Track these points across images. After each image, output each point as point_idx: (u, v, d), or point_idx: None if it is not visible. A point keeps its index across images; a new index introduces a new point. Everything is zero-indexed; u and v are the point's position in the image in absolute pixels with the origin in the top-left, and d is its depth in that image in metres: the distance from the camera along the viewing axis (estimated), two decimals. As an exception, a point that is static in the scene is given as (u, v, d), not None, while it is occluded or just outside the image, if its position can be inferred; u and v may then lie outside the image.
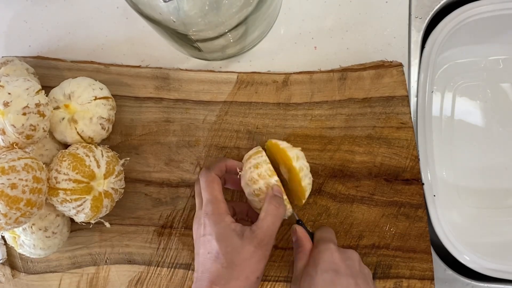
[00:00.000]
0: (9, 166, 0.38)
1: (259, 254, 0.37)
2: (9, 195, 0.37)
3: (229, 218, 0.39)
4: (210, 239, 0.38)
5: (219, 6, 0.39)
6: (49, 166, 0.44)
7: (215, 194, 0.40)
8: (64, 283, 0.50)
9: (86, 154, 0.43)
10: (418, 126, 0.52)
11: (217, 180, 0.41)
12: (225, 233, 0.37)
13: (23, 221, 0.39)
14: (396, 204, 0.48)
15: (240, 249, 0.36)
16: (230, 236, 0.37)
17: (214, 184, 0.41)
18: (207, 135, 0.50)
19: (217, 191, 0.40)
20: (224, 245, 0.37)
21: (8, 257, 0.51)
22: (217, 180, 0.41)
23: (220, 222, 0.38)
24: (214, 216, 0.39)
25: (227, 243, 0.37)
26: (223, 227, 0.38)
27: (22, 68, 0.48)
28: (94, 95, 0.46)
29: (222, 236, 0.37)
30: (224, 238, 0.37)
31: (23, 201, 0.38)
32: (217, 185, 0.41)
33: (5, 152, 0.40)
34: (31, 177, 0.39)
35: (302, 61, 0.52)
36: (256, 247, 0.37)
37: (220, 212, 0.39)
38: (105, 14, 0.53)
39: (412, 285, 0.48)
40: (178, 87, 0.51)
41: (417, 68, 0.53)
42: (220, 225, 0.38)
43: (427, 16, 0.53)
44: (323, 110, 0.50)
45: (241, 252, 0.36)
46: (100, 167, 0.44)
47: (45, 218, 0.44)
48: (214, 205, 0.39)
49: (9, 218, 0.38)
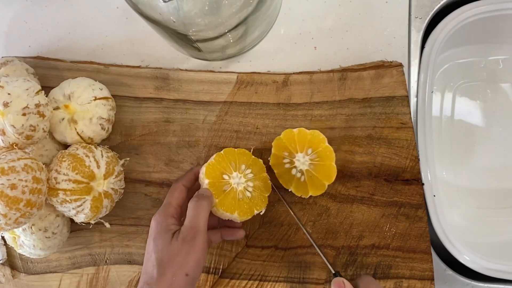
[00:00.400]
0: (8, 166, 0.38)
1: (186, 249, 0.37)
2: (8, 195, 0.37)
3: (172, 220, 0.40)
4: (149, 240, 0.39)
5: (219, 6, 0.39)
6: (49, 166, 0.44)
7: (170, 200, 0.42)
8: (64, 283, 0.50)
9: (86, 155, 0.43)
10: (418, 126, 0.52)
11: (180, 189, 0.43)
12: (161, 233, 0.39)
13: (23, 222, 0.39)
14: (396, 204, 0.48)
15: (169, 246, 0.38)
16: (165, 235, 0.39)
17: (175, 192, 0.43)
18: (207, 135, 0.50)
19: (174, 198, 0.42)
20: (157, 243, 0.38)
21: (8, 258, 0.51)
22: (179, 190, 0.43)
23: (161, 223, 0.40)
24: (159, 218, 0.40)
25: (159, 242, 0.38)
26: (162, 227, 0.39)
27: (22, 68, 0.48)
28: (94, 96, 0.46)
29: (158, 236, 0.39)
30: (159, 237, 0.39)
31: (23, 201, 0.38)
32: (177, 193, 0.43)
33: (4, 152, 0.40)
34: (31, 177, 0.39)
35: (302, 61, 0.51)
36: (182, 242, 0.37)
37: (166, 214, 0.41)
38: (105, 14, 0.53)
39: (412, 285, 0.48)
40: (178, 87, 0.51)
41: (417, 68, 0.53)
42: (159, 225, 0.40)
43: (427, 16, 0.53)
44: (323, 110, 0.50)
45: (170, 249, 0.37)
46: (100, 167, 0.44)
47: (45, 219, 0.44)
48: (164, 208, 0.41)
49: (9, 218, 0.38)
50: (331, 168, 0.45)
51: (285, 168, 0.46)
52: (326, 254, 0.48)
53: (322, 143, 0.45)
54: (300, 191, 0.46)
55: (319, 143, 0.45)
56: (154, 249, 0.38)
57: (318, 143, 0.46)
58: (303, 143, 0.46)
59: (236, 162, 0.44)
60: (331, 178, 0.45)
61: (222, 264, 0.49)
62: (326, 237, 0.48)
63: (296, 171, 0.46)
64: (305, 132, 0.46)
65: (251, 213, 0.44)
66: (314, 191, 0.46)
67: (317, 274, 0.48)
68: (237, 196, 0.43)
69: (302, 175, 0.46)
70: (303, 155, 0.46)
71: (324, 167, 0.45)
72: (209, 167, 0.43)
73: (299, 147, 0.46)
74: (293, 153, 0.46)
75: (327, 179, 0.45)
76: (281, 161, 0.46)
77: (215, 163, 0.43)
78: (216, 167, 0.43)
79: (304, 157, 0.46)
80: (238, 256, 0.49)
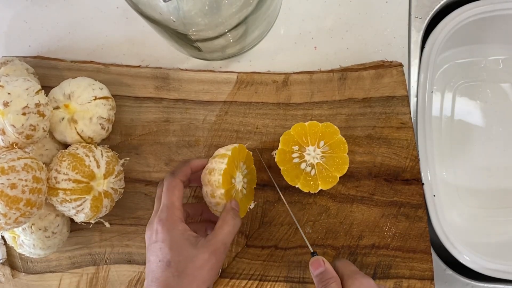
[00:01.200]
0: (8, 166, 0.38)
1: (212, 262, 0.36)
2: (8, 195, 0.37)
3: (183, 225, 0.38)
4: (163, 247, 0.37)
5: (219, 6, 0.39)
6: (48, 166, 0.44)
7: (172, 200, 0.39)
8: (64, 283, 0.50)
9: (85, 154, 0.43)
10: (418, 126, 0.52)
11: (179, 186, 0.41)
12: (178, 241, 0.37)
13: (23, 221, 0.39)
14: (396, 204, 0.48)
15: (193, 258, 0.36)
16: (183, 244, 0.37)
17: (175, 190, 0.40)
18: (207, 135, 0.50)
19: (176, 198, 0.40)
20: (176, 253, 0.36)
21: (8, 257, 0.51)
22: (179, 186, 0.40)
23: (173, 229, 0.38)
24: (167, 222, 0.38)
25: (180, 251, 0.36)
26: (176, 234, 0.37)
27: (22, 68, 0.48)
28: (94, 95, 0.46)
29: (175, 244, 0.37)
30: (177, 246, 0.37)
31: (23, 201, 0.38)
32: (177, 191, 0.40)
33: (4, 152, 0.40)
34: (31, 177, 0.39)
35: (302, 61, 0.51)
36: (211, 255, 0.36)
37: (174, 219, 0.38)
38: (105, 14, 0.53)
39: (412, 285, 0.48)
40: (178, 87, 0.51)
41: (417, 68, 0.53)
42: (173, 232, 0.37)
43: (427, 16, 0.53)
44: (323, 110, 0.50)
45: (194, 261, 0.36)
46: (99, 167, 0.44)
47: (45, 218, 0.44)
48: (169, 211, 0.39)
49: (8, 218, 0.38)
50: (343, 159, 0.45)
51: (293, 163, 0.46)
52: (326, 254, 0.48)
53: (335, 135, 0.45)
54: (308, 187, 0.45)
55: (332, 135, 0.45)
56: (173, 259, 0.36)
57: (331, 135, 0.45)
58: (314, 136, 0.45)
59: (238, 161, 0.44)
60: (344, 169, 0.45)
61: (222, 264, 0.49)
62: (326, 237, 0.48)
63: (306, 165, 0.45)
64: (316, 125, 0.46)
65: (245, 212, 0.44)
66: (324, 184, 0.45)
67: (317, 274, 0.48)
68: (238, 197, 0.43)
69: (313, 169, 0.45)
70: (314, 148, 0.45)
71: (336, 159, 0.45)
72: (225, 175, 0.40)
73: (311, 140, 0.46)
74: (304, 147, 0.46)
75: (339, 171, 0.45)
76: (289, 156, 0.46)
77: (228, 169, 0.41)
78: (227, 172, 0.41)
79: (315, 150, 0.45)
80: (238, 256, 0.49)
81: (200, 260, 0.36)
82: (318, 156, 0.45)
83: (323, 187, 0.45)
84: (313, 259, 0.39)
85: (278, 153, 0.46)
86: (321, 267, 0.38)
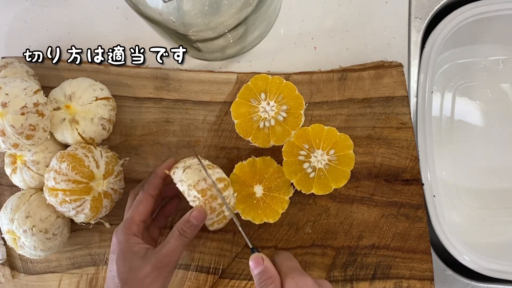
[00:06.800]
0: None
1: (155, 275, 0.37)
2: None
3: (135, 239, 0.40)
4: (113, 258, 0.39)
5: (219, 6, 0.39)
6: (49, 166, 0.44)
7: (133, 215, 0.41)
8: (63, 283, 0.50)
9: (85, 155, 0.43)
10: (418, 126, 0.52)
11: (145, 201, 0.42)
12: (126, 253, 0.39)
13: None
14: (396, 205, 0.48)
15: (137, 270, 0.37)
16: (131, 257, 0.38)
17: (140, 205, 0.41)
18: (207, 136, 0.50)
19: (138, 213, 0.41)
20: (121, 264, 0.38)
21: (8, 258, 0.51)
22: (145, 202, 0.42)
23: (125, 242, 0.39)
24: (121, 236, 0.40)
25: (125, 263, 0.38)
26: (126, 247, 0.39)
27: (22, 70, 0.47)
28: (95, 96, 0.46)
29: (122, 256, 0.39)
30: (124, 258, 0.39)
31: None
32: (142, 207, 0.41)
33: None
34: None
35: (302, 61, 0.51)
36: (153, 268, 0.37)
37: (128, 233, 0.40)
38: (105, 14, 0.53)
39: (412, 285, 0.48)
40: (178, 87, 0.51)
41: (417, 68, 0.53)
42: (123, 245, 0.39)
43: (427, 16, 0.53)
44: (323, 111, 0.50)
45: (137, 273, 0.37)
46: (99, 167, 0.44)
47: (46, 220, 0.44)
48: (126, 225, 0.40)
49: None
50: (345, 174, 0.46)
51: (298, 159, 0.46)
52: (326, 254, 0.48)
53: (348, 149, 0.46)
54: (302, 186, 0.46)
55: (345, 149, 0.46)
56: (118, 270, 0.38)
57: (343, 148, 0.46)
58: (328, 142, 0.46)
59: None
60: (341, 183, 0.46)
61: (222, 264, 0.49)
62: (326, 237, 0.48)
63: (308, 165, 0.46)
64: (335, 133, 0.46)
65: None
66: (318, 190, 0.46)
67: (317, 274, 0.48)
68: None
69: (313, 172, 0.46)
70: (322, 153, 0.46)
71: (338, 171, 0.46)
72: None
73: (323, 145, 0.46)
74: (314, 148, 0.46)
75: (336, 183, 0.46)
76: (297, 151, 0.46)
77: None
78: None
79: (323, 155, 0.46)
80: (238, 256, 0.49)
81: (143, 272, 0.37)
82: (323, 162, 0.46)
83: (316, 192, 0.46)
84: (252, 256, 0.37)
85: (287, 144, 0.46)
86: (260, 266, 0.36)
